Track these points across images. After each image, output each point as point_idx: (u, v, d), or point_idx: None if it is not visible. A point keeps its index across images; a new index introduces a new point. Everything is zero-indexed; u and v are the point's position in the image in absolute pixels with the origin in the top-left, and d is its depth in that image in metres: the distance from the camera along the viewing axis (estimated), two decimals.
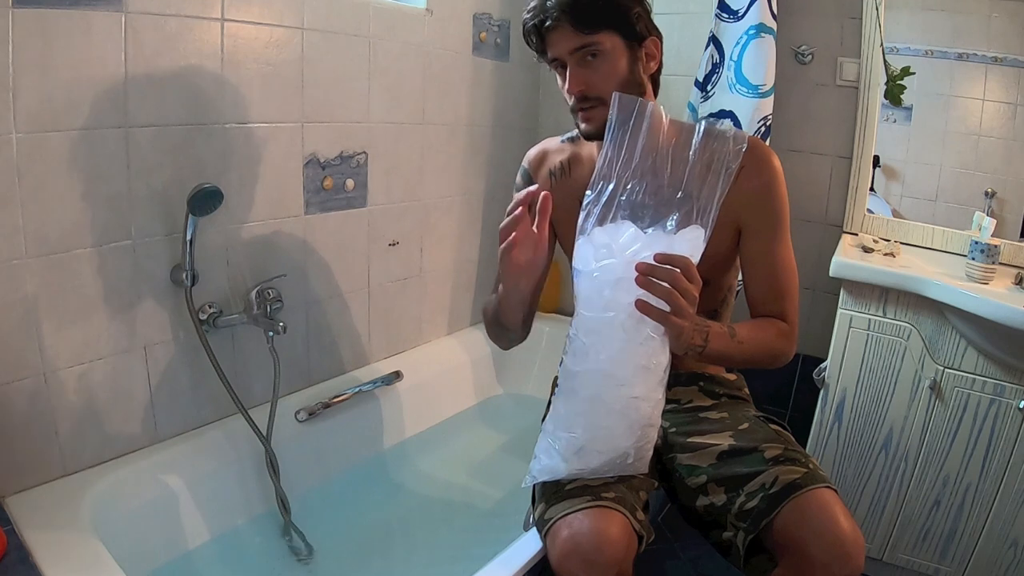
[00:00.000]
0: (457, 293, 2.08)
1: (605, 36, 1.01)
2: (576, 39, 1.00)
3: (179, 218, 1.27)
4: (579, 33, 1.00)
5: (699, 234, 0.92)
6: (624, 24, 1.02)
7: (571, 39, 1.00)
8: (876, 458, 1.53)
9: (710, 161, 0.91)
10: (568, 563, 0.90)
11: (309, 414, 1.55)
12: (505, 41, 2.03)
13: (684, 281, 0.87)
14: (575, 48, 1.01)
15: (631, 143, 0.92)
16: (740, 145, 0.91)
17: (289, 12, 1.41)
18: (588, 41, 1.00)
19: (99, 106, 1.15)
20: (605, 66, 1.02)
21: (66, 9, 1.07)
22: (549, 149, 1.24)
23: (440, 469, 1.76)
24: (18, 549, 1.02)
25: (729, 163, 0.90)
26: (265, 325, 1.39)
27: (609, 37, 1.01)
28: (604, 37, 1.01)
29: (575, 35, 1.00)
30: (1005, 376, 1.37)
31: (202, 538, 1.34)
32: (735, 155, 0.90)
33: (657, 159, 0.94)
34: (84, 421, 1.23)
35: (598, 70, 1.02)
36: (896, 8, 1.68)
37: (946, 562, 1.50)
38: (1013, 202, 1.63)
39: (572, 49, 1.01)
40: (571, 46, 1.01)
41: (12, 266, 1.09)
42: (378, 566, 1.43)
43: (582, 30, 0.99)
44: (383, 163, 1.71)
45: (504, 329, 1.16)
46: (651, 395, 0.96)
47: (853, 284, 1.49)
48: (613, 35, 1.02)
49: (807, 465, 0.99)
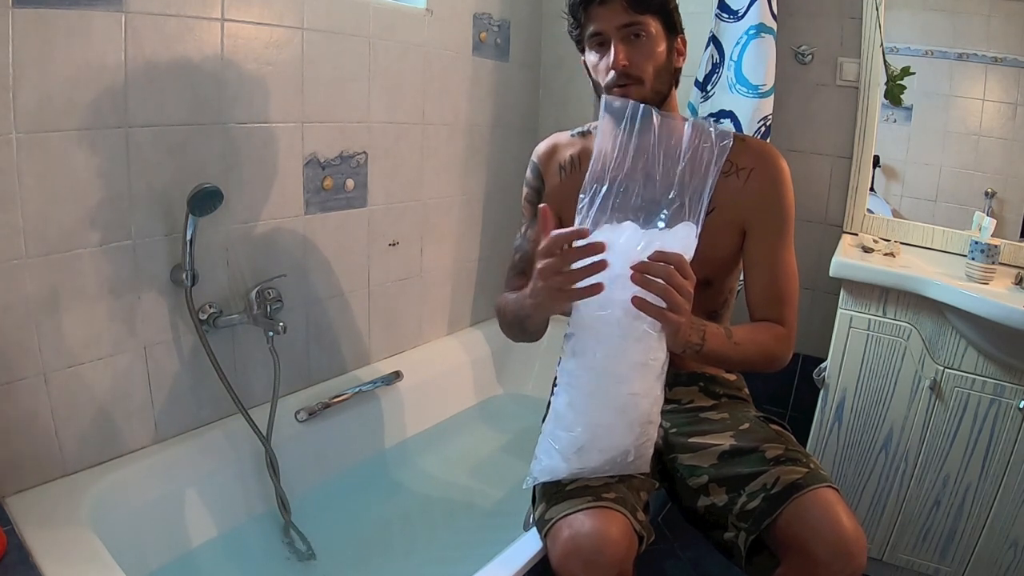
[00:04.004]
0: (457, 293, 2.08)
1: (651, 19, 1.04)
2: (626, 16, 1.03)
3: (179, 218, 1.27)
4: (629, 11, 1.02)
5: (691, 231, 0.93)
6: (667, 13, 1.06)
7: (621, 15, 1.03)
8: (876, 458, 1.53)
9: (698, 158, 0.92)
10: (568, 563, 0.90)
11: (309, 414, 1.55)
12: (505, 41, 2.03)
13: (679, 277, 0.88)
14: (623, 24, 1.03)
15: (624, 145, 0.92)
16: (725, 141, 0.93)
17: (289, 12, 1.41)
18: (637, 20, 1.03)
19: (99, 106, 1.15)
20: (648, 47, 1.04)
21: (66, 9, 1.07)
22: (559, 143, 1.24)
23: (440, 469, 1.76)
24: (18, 549, 1.02)
25: (716, 158, 0.91)
26: (265, 325, 1.39)
27: (654, 22, 1.04)
28: (650, 20, 1.04)
29: (625, 12, 1.02)
30: (1005, 376, 1.37)
31: (202, 538, 1.34)
32: (721, 151, 0.92)
33: (648, 159, 0.94)
34: (84, 421, 1.23)
35: (642, 49, 1.04)
36: (896, 8, 1.68)
37: (946, 562, 1.50)
38: (1013, 202, 1.63)
39: (620, 25, 1.03)
40: (620, 22, 1.03)
41: (12, 266, 1.09)
42: (378, 566, 1.43)
43: (633, 8, 1.02)
44: (383, 163, 1.71)
45: (529, 334, 1.14)
46: (650, 392, 0.96)
47: (853, 284, 1.49)
48: (658, 21, 1.05)
49: (808, 465, 0.99)
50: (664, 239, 0.91)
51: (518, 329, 1.14)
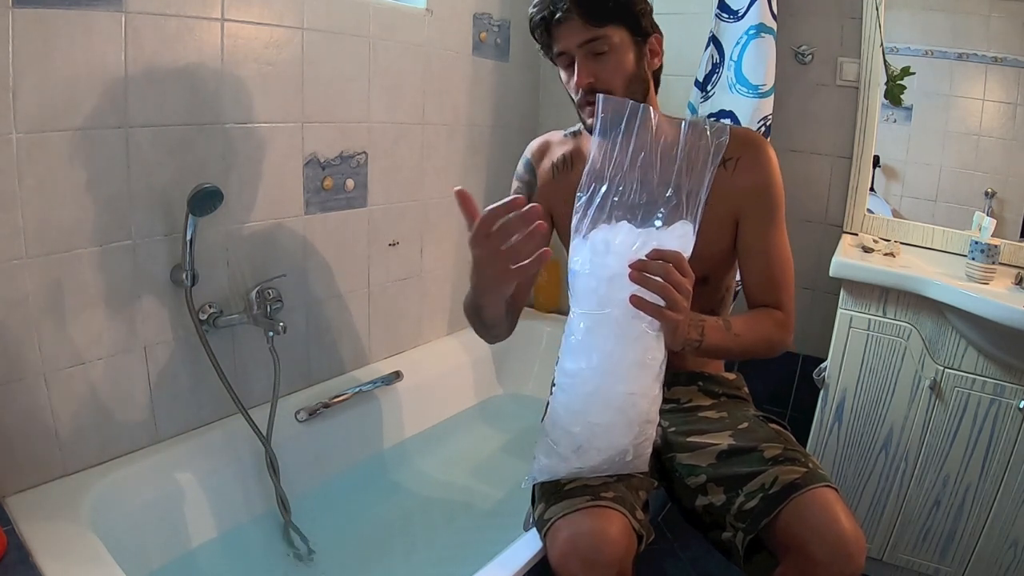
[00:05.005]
0: (457, 293, 2.08)
1: (613, 30, 1.02)
2: (585, 32, 1.01)
3: (179, 218, 1.27)
4: (588, 26, 1.00)
5: (688, 229, 0.93)
6: (631, 19, 1.03)
7: (580, 32, 1.01)
8: (876, 458, 1.53)
9: (695, 156, 0.92)
10: (568, 563, 0.90)
11: (309, 414, 1.55)
12: (505, 41, 2.03)
13: (677, 275, 0.88)
14: (584, 41, 1.01)
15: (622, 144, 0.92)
16: (722, 138, 0.92)
17: (289, 12, 1.41)
18: (597, 34, 1.01)
19: (99, 106, 1.15)
20: (613, 59, 1.03)
21: (66, 9, 1.07)
22: (552, 141, 1.24)
23: (440, 469, 1.76)
24: (18, 549, 1.02)
25: (712, 157, 0.91)
26: (265, 325, 1.39)
27: (617, 31, 1.02)
28: (612, 31, 1.02)
29: (584, 28, 1.00)
30: (1005, 376, 1.37)
31: (202, 538, 1.34)
32: (717, 148, 0.91)
33: (646, 158, 0.94)
34: (84, 421, 1.23)
35: (607, 63, 1.03)
36: (896, 8, 1.68)
37: (946, 562, 1.50)
38: (1013, 202, 1.63)
39: (581, 42, 1.01)
40: (580, 39, 1.01)
41: (12, 266, 1.09)
42: (378, 566, 1.43)
43: (591, 23, 1.00)
44: (383, 163, 1.71)
45: (486, 326, 1.12)
46: (648, 391, 0.96)
47: (853, 284, 1.49)
48: (621, 29, 1.03)
49: (807, 464, 0.99)
50: (661, 237, 0.91)
51: (477, 322, 1.12)
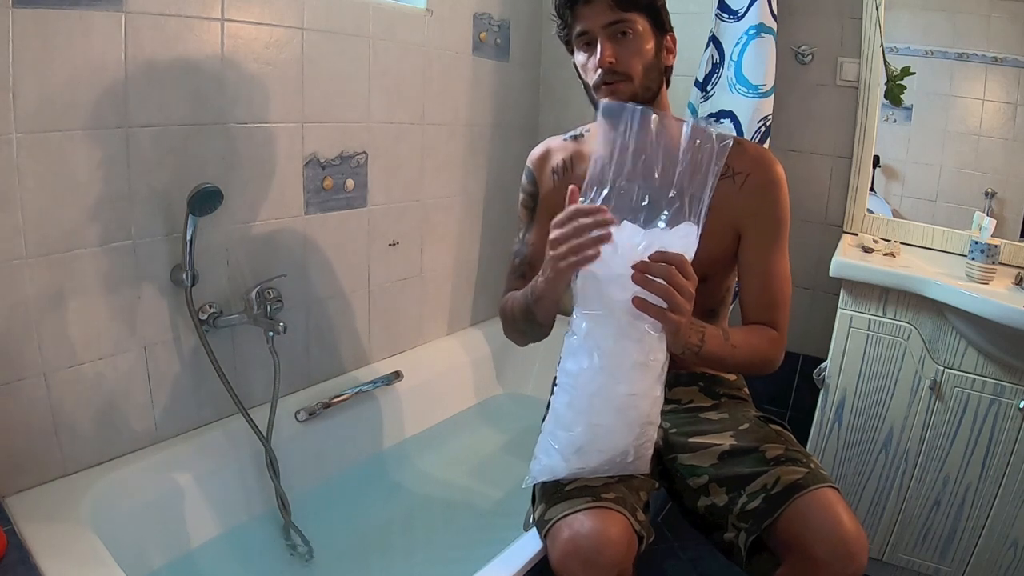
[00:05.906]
0: (457, 293, 2.08)
1: (638, 17, 1.04)
2: (612, 14, 1.03)
3: (179, 218, 1.27)
4: (615, 9, 1.03)
5: (692, 231, 0.92)
6: (654, 11, 1.06)
7: (607, 13, 1.03)
8: (876, 458, 1.53)
9: (698, 159, 0.92)
10: (568, 563, 0.90)
11: (309, 414, 1.55)
12: (505, 41, 2.03)
13: (680, 277, 0.88)
14: (609, 22, 1.03)
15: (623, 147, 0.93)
16: (725, 141, 0.92)
17: (289, 12, 1.41)
18: (623, 17, 1.03)
19: (99, 106, 1.15)
20: (636, 43, 1.05)
21: (66, 9, 1.07)
22: (552, 147, 1.24)
23: (440, 469, 1.76)
24: (18, 549, 1.02)
25: (715, 160, 0.91)
26: (265, 325, 1.39)
27: (641, 19, 1.04)
28: (637, 17, 1.04)
29: (611, 10, 1.03)
30: (1005, 376, 1.37)
31: (202, 538, 1.34)
32: (721, 152, 0.92)
33: (648, 160, 0.94)
34: (84, 421, 1.23)
35: (629, 47, 1.04)
36: (896, 8, 1.68)
37: (946, 562, 1.50)
38: (1013, 202, 1.63)
39: (607, 23, 1.03)
40: (606, 20, 1.03)
41: (12, 266, 1.09)
42: (378, 566, 1.43)
43: (619, 6, 1.02)
44: (383, 163, 1.71)
45: (539, 327, 1.13)
46: (649, 392, 0.96)
47: (853, 284, 1.49)
48: (644, 19, 1.05)
49: (808, 465, 0.99)
50: (665, 239, 0.91)
51: (525, 323, 1.13)
